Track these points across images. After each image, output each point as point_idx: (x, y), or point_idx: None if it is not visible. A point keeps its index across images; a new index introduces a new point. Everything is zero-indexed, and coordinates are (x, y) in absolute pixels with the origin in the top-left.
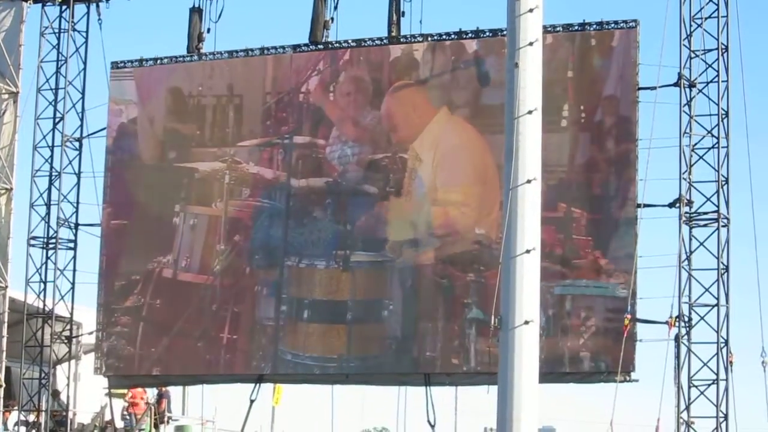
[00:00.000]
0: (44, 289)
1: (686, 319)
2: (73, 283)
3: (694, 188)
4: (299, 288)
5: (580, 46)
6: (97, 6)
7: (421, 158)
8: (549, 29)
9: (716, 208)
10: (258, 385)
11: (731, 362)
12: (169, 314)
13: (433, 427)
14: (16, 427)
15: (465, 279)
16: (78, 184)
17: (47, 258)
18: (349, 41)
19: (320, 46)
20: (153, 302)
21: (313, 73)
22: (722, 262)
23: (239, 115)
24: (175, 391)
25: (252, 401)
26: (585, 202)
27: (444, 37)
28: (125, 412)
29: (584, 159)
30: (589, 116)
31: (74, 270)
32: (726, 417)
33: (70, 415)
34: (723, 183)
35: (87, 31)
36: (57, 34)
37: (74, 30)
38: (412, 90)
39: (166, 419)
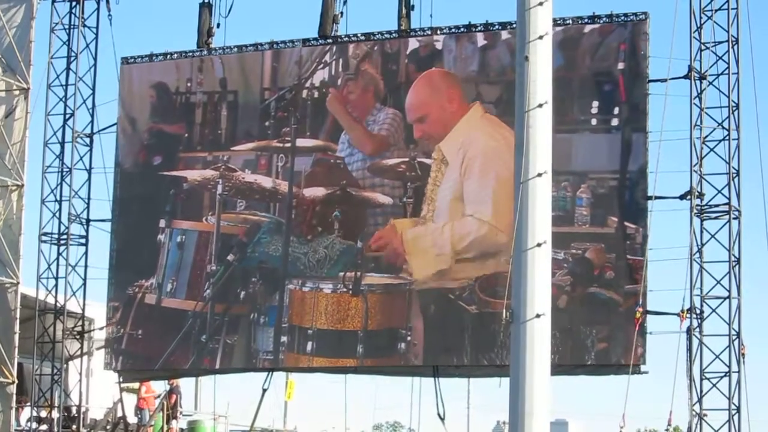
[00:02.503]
0: (56, 285)
1: (698, 311)
2: (84, 279)
3: (705, 180)
4: (302, 316)
5: (632, 34)
6: (107, 2)
7: (448, 161)
8: (558, 22)
9: (727, 201)
10: (270, 374)
11: (743, 354)
12: (152, 347)
13: (442, 419)
14: (28, 423)
15: (498, 306)
16: (89, 179)
17: (59, 254)
18: (359, 35)
19: (329, 41)
20: (134, 333)
21: (318, 66)
22: (734, 255)
23: (233, 115)
24: (187, 387)
25: (264, 390)
26: (641, 215)
27: (453, 30)
28: (137, 407)
29: (639, 164)
30: (642, 114)
31: (86, 266)
32: (738, 409)
33: (83, 410)
34: (734, 175)
35: (97, 27)
36: (67, 30)
37: (84, 26)
38: (447, 79)
39: (178, 414)
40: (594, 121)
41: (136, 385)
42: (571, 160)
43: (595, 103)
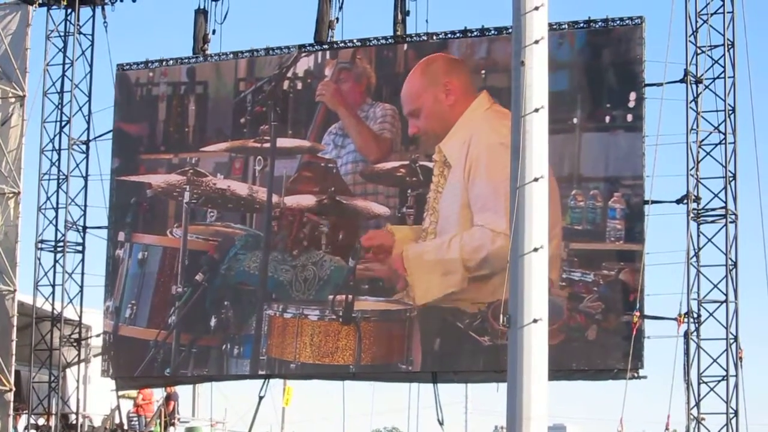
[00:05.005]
0: (53, 293)
1: (695, 315)
2: (81, 286)
3: (702, 184)
4: (283, 347)
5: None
6: (103, 9)
7: (450, 163)
8: (554, 27)
9: (724, 204)
10: (266, 381)
11: (741, 358)
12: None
13: (442, 425)
14: (26, 431)
15: None
16: (85, 187)
17: (55, 261)
18: (355, 41)
19: (325, 46)
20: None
21: (301, 53)
22: (730, 258)
23: (203, 110)
24: (185, 393)
25: (261, 398)
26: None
27: (449, 35)
28: (132, 414)
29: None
30: (639, 118)
31: (82, 273)
32: (736, 413)
33: (80, 418)
34: (730, 179)
35: (93, 34)
36: (63, 38)
37: (80, 33)
38: (450, 66)
39: (175, 421)
40: (629, 117)
41: (134, 392)
42: (602, 164)
43: (632, 95)
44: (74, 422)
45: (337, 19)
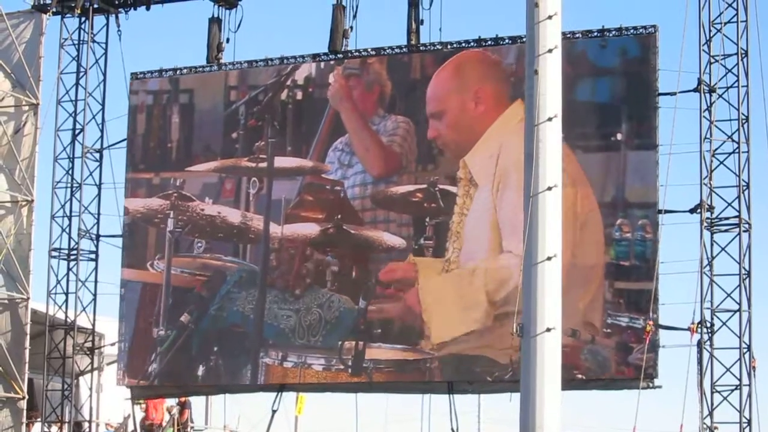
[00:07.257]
0: (66, 301)
1: (708, 324)
2: (95, 295)
3: (715, 193)
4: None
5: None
6: (117, 17)
7: (477, 181)
8: (568, 35)
9: (737, 213)
10: (280, 394)
11: (754, 367)
12: None
13: None
14: None
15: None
16: (99, 195)
17: (69, 269)
18: (369, 50)
19: (340, 55)
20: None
21: (303, 57)
22: (744, 268)
23: (188, 123)
24: (198, 401)
25: (274, 411)
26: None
27: (463, 44)
28: (144, 423)
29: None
30: (652, 128)
31: (96, 281)
32: (749, 422)
33: (93, 427)
34: (744, 188)
35: (106, 43)
36: (76, 46)
37: (94, 41)
38: (484, 68)
39: (189, 430)
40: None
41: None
42: (651, 187)
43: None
44: (87, 430)
45: (351, 27)
